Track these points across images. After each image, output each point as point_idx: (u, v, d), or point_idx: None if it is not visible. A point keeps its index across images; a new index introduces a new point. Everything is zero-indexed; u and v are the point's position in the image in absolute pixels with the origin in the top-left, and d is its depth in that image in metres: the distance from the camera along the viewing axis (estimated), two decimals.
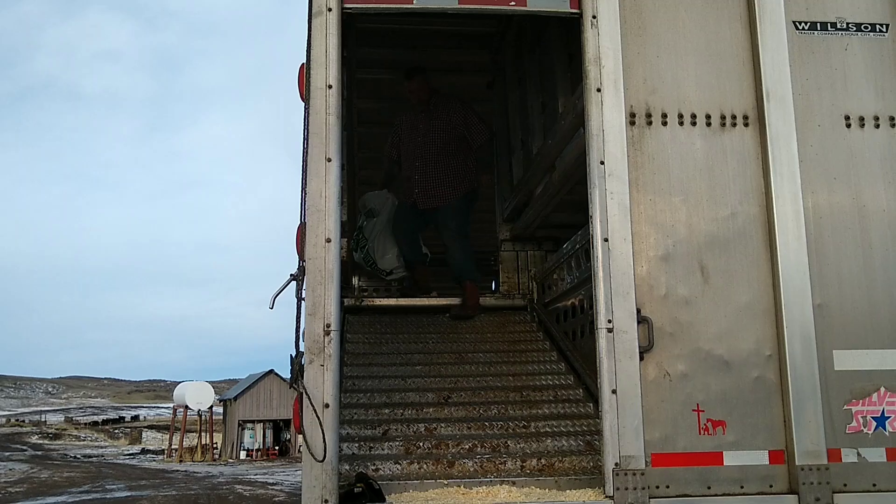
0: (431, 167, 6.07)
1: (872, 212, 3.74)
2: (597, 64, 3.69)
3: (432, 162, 6.07)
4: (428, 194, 6.10)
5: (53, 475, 28.45)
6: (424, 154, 6.11)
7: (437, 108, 6.15)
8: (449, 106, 6.13)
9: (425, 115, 6.16)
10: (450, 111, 6.10)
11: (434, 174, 6.07)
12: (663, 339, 3.53)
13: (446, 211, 6.06)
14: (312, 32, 3.63)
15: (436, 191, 6.07)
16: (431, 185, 6.08)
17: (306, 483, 3.28)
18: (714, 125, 3.74)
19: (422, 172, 6.10)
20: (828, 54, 3.85)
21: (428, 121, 6.14)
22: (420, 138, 6.16)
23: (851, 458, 3.53)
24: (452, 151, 6.08)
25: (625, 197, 3.59)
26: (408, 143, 6.28)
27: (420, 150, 6.14)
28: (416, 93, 6.14)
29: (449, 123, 6.07)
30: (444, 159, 6.06)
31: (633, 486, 3.38)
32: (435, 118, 6.13)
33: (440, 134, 6.09)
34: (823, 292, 3.63)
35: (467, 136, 6.06)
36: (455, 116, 6.07)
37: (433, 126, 6.12)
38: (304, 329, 3.41)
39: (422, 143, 6.13)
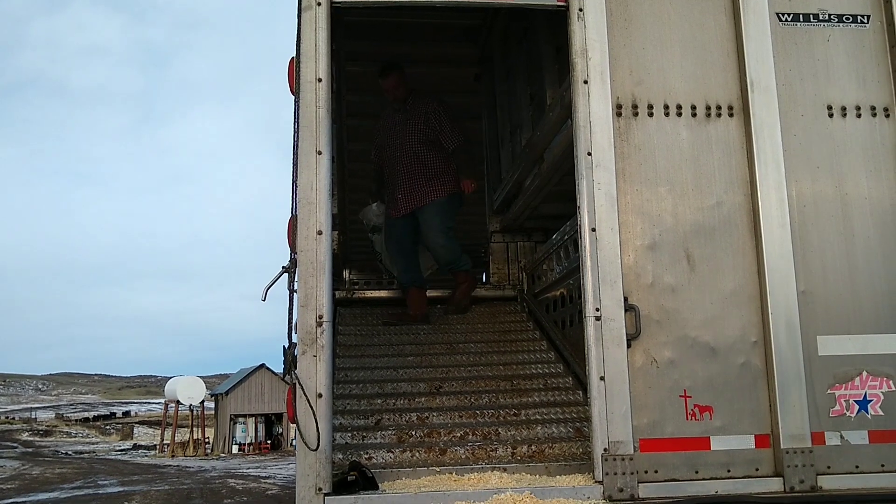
0: (412, 166, 5.86)
1: (854, 199, 3.80)
2: (583, 56, 3.74)
3: (412, 161, 5.86)
4: (409, 194, 5.87)
5: (45, 472, 28.35)
6: (403, 154, 5.90)
7: (415, 107, 5.93)
8: (426, 105, 5.91)
9: (402, 114, 5.97)
10: (427, 110, 5.88)
11: (414, 173, 5.87)
12: (650, 327, 3.59)
13: (430, 210, 5.83)
14: (302, 26, 3.66)
15: (417, 190, 5.85)
16: (412, 184, 5.86)
17: (300, 471, 3.33)
18: (699, 116, 3.80)
19: (402, 173, 5.89)
20: (810, 45, 3.91)
21: (406, 120, 5.94)
22: (398, 140, 5.94)
23: (835, 440, 3.61)
24: (434, 151, 5.88)
25: (612, 187, 3.64)
26: (387, 145, 6.06)
27: (399, 151, 5.92)
28: (393, 91, 5.95)
29: (427, 123, 5.86)
30: (423, 158, 5.86)
31: (622, 471, 3.44)
32: (412, 117, 5.92)
33: (418, 133, 5.88)
34: (807, 279, 3.70)
35: (440, 138, 5.86)
36: (431, 117, 5.86)
37: (410, 125, 5.91)
38: (297, 320, 3.45)
39: (400, 145, 5.92)
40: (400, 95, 5.94)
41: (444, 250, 5.85)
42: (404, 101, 5.94)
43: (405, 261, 6.02)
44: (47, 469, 29.64)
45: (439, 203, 5.84)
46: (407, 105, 5.95)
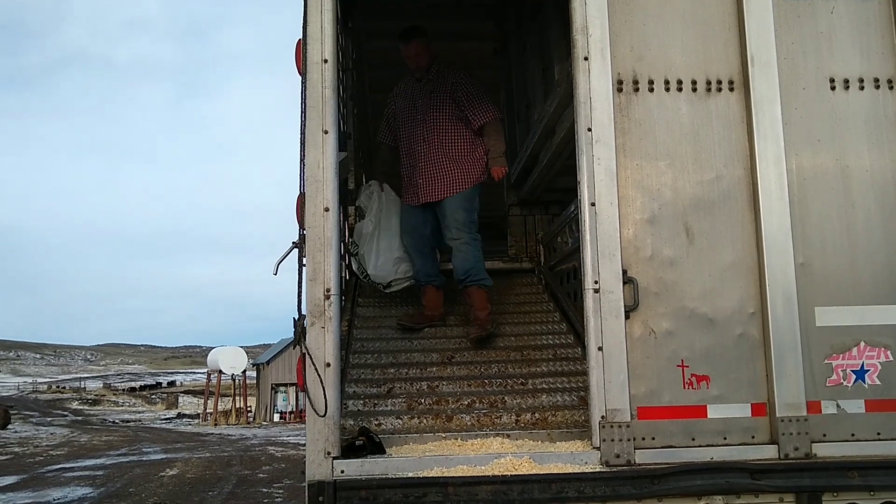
0: (434, 147, 5.21)
1: (855, 173, 3.83)
2: (584, 33, 3.80)
3: (435, 141, 5.21)
4: (430, 181, 5.22)
5: (92, 439, 29.35)
6: (425, 133, 5.22)
7: (439, 79, 5.29)
8: (452, 76, 5.28)
9: (425, 86, 5.30)
10: (454, 82, 5.25)
11: (437, 156, 5.21)
12: (649, 299, 3.68)
13: (452, 203, 5.19)
14: (308, 9, 3.77)
15: (440, 176, 5.21)
16: (434, 169, 5.21)
17: (310, 436, 3.51)
18: (700, 90, 3.84)
19: (422, 155, 5.23)
20: (814, 18, 3.92)
21: (428, 94, 5.27)
22: (419, 115, 5.28)
23: (831, 409, 3.68)
24: (460, 130, 5.24)
25: (611, 162, 3.72)
26: (405, 122, 5.38)
27: (419, 128, 5.26)
28: (414, 58, 5.29)
29: (453, 96, 5.23)
30: (448, 138, 5.22)
31: (619, 438, 3.56)
32: (436, 89, 5.26)
33: (443, 108, 5.24)
34: (806, 251, 3.75)
35: (468, 114, 5.21)
36: (459, 89, 5.22)
37: (434, 99, 5.25)
38: (306, 293, 3.61)
39: (421, 121, 5.25)
40: (422, 64, 5.31)
41: (465, 254, 5.15)
42: (427, 71, 5.32)
43: (422, 258, 5.39)
44: (95, 437, 30.69)
45: (465, 195, 5.22)
46: (430, 75, 5.33)
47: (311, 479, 3.42)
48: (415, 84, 5.40)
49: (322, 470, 3.44)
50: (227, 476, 15.72)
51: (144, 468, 17.69)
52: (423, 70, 5.33)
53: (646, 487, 3.46)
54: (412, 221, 5.38)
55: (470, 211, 5.23)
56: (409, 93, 5.43)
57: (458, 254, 5.17)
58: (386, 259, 5.38)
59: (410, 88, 5.43)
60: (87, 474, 16.59)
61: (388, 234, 5.42)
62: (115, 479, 15.47)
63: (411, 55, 5.31)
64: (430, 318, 5.30)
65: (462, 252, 5.15)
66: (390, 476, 3.46)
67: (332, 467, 3.45)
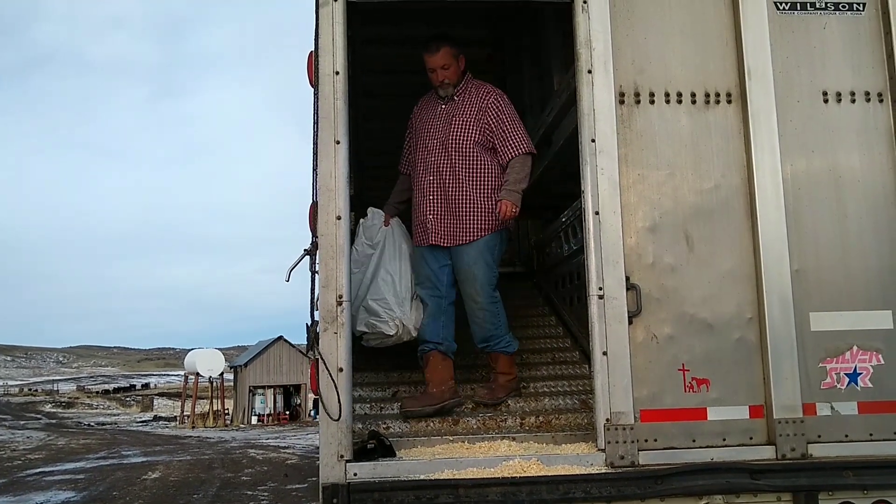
0: (450, 183, 4.44)
1: (848, 182, 3.96)
2: (587, 47, 3.91)
3: (452, 175, 4.43)
4: (443, 222, 4.44)
5: (70, 442, 29.13)
6: (441, 163, 4.45)
7: (467, 97, 4.52)
8: (483, 96, 4.50)
9: (448, 107, 4.52)
10: (484, 105, 4.46)
11: (453, 193, 4.43)
12: (651, 305, 3.79)
13: (469, 252, 4.41)
14: (320, 21, 3.84)
15: (458, 218, 4.43)
16: (451, 208, 4.43)
17: (324, 440, 3.58)
18: (699, 103, 3.96)
19: (438, 189, 4.45)
20: (807, 33, 4.05)
21: (452, 115, 4.48)
22: (436, 141, 4.49)
23: (825, 411, 3.81)
24: (485, 163, 4.47)
25: (614, 172, 3.83)
26: (419, 148, 4.58)
27: (436, 156, 4.47)
28: (441, 71, 4.47)
29: (480, 122, 4.45)
30: (471, 171, 4.45)
31: (623, 440, 3.67)
32: (461, 113, 4.48)
33: (468, 135, 4.44)
34: (801, 258, 3.88)
35: (496, 144, 4.46)
36: (489, 112, 4.44)
37: (458, 123, 4.46)
38: (318, 300, 3.69)
39: (438, 149, 4.47)
40: (450, 78, 4.49)
41: (482, 320, 4.44)
42: (454, 88, 4.53)
43: (434, 317, 4.46)
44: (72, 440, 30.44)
45: (485, 243, 4.44)
46: (457, 94, 4.54)
47: (325, 482, 3.50)
48: (436, 104, 4.59)
49: (336, 473, 3.52)
50: (211, 479, 15.72)
51: (126, 471, 17.63)
52: (451, 87, 4.52)
53: (649, 488, 3.56)
54: (425, 269, 4.52)
55: (491, 265, 4.46)
56: (429, 115, 4.61)
57: (475, 319, 4.47)
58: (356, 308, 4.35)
59: (431, 109, 4.62)
60: (69, 478, 16.51)
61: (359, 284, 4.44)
62: (97, 483, 15.43)
63: (437, 66, 4.48)
64: (437, 397, 4.29)
65: (479, 318, 4.44)
66: (402, 478, 3.53)
67: (346, 470, 3.53)
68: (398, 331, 4.40)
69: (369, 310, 4.40)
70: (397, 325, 4.39)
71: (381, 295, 4.42)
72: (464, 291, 4.46)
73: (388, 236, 4.62)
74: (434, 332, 4.44)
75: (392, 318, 4.39)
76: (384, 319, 4.38)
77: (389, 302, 4.41)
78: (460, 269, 4.45)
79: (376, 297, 4.41)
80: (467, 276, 4.42)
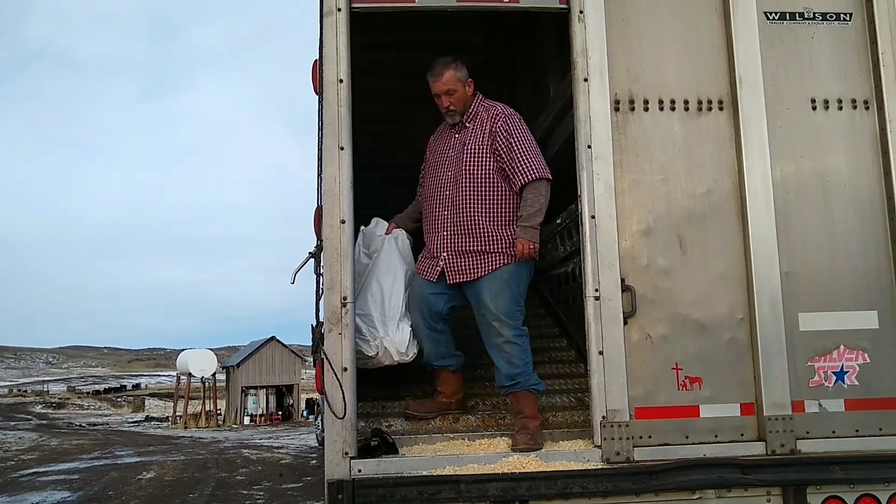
0: (464, 215, 4.19)
1: (835, 186, 4.10)
2: (584, 56, 4.03)
3: (469, 210, 4.18)
4: (461, 262, 4.21)
5: (63, 443, 29.10)
6: (453, 195, 4.21)
7: (477, 124, 4.28)
8: (494, 118, 4.25)
9: (462, 135, 4.30)
10: (494, 128, 4.22)
11: (468, 226, 4.18)
12: (645, 306, 3.91)
13: (491, 284, 4.17)
14: (324, 31, 3.95)
15: (475, 255, 4.19)
16: (461, 242, 4.20)
17: (329, 438, 3.69)
18: (692, 110, 4.09)
19: (446, 222, 4.23)
20: (796, 42, 4.18)
21: (463, 144, 4.26)
22: (449, 172, 4.25)
23: (813, 408, 3.94)
24: (502, 191, 4.23)
25: (610, 177, 3.95)
26: (430, 178, 4.38)
27: (446, 189, 4.24)
28: (446, 98, 4.25)
29: (493, 143, 4.21)
30: (489, 205, 4.20)
31: (619, 437, 3.79)
32: (472, 139, 4.25)
33: (482, 163, 4.21)
34: (790, 260, 4.01)
35: (507, 170, 4.20)
36: (499, 134, 4.20)
37: (470, 151, 4.23)
38: (323, 302, 3.80)
39: (450, 180, 4.23)
40: (456, 104, 4.25)
41: (510, 356, 4.11)
42: (461, 115, 4.29)
43: (433, 340, 4.32)
44: (65, 440, 30.40)
45: (509, 273, 4.18)
46: (468, 120, 4.30)
47: (330, 479, 3.60)
48: (449, 133, 4.38)
49: (341, 469, 3.63)
50: (206, 479, 15.78)
51: (120, 471, 17.66)
52: (457, 114, 4.29)
53: (644, 483, 3.69)
54: (423, 293, 4.29)
55: (517, 297, 4.19)
56: (442, 145, 4.39)
57: (501, 355, 4.13)
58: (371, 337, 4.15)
59: (444, 139, 4.40)
60: (63, 478, 16.54)
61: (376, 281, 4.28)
62: (92, 483, 15.46)
63: (441, 92, 4.24)
64: (446, 405, 4.33)
65: (506, 354, 4.12)
66: (405, 474, 3.65)
67: (350, 467, 3.64)
68: (377, 352, 4.15)
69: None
70: (377, 347, 4.15)
71: (366, 310, 4.18)
72: (486, 325, 4.17)
73: (387, 247, 4.39)
74: (439, 355, 4.34)
75: (374, 337, 4.16)
76: (365, 338, 4.13)
77: (374, 319, 4.19)
78: (479, 302, 4.19)
79: (361, 311, 4.11)
80: (488, 310, 4.13)
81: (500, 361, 4.15)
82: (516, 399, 4.13)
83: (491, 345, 4.19)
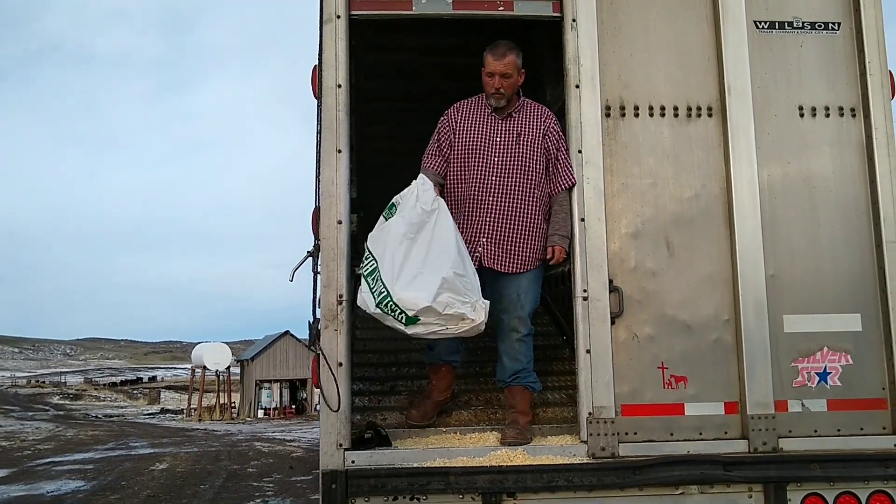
0: (517, 206, 4.21)
1: (821, 192, 4.19)
2: (576, 63, 4.14)
3: (519, 198, 4.22)
4: (504, 248, 4.22)
5: (78, 433, 29.49)
6: (509, 184, 4.21)
7: (527, 117, 4.31)
8: (544, 118, 4.32)
9: (509, 122, 4.30)
10: (547, 127, 4.28)
11: (520, 218, 4.22)
12: (632, 306, 4.03)
13: (524, 282, 4.26)
14: (324, 37, 4.08)
15: (519, 245, 4.23)
16: (513, 234, 4.22)
17: (324, 430, 3.83)
18: (681, 116, 4.19)
19: (500, 213, 4.21)
20: (784, 51, 4.28)
21: (516, 133, 4.26)
22: (503, 158, 4.23)
23: (796, 408, 4.04)
24: (545, 189, 4.27)
25: (600, 182, 4.07)
26: (476, 160, 4.24)
27: (501, 175, 4.22)
28: (500, 79, 4.21)
29: (544, 144, 4.26)
30: (536, 198, 4.24)
31: (605, 433, 3.91)
32: (527, 131, 4.27)
33: (537, 157, 4.24)
34: (776, 264, 4.11)
35: (554, 171, 4.23)
36: (550, 137, 4.26)
37: (526, 142, 4.24)
38: (320, 299, 3.94)
39: (506, 167, 4.21)
40: (507, 89, 4.24)
41: (518, 352, 4.25)
42: (507, 101, 4.28)
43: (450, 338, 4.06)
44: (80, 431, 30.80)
45: (539, 272, 4.35)
46: (514, 110, 4.33)
47: (324, 469, 3.75)
48: (490, 116, 4.31)
49: (335, 460, 3.77)
50: (217, 470, 16.00)
51: (134, 462, 17.93)
52: (504, 99, 4.26)
53: (628, 478, 3.81)
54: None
55: (538, 297, 4.33)
56: (484, 123, 4.30)
57: (510, 350, 4.25)
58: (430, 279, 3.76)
59: (484, 118, 4.31)
60: (78, 468, 16.82)
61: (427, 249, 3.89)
62: (105, 473, 15.72)
63: (498, 72, 4.20)
64: (441, 403, 4.36)
65: (515, 350, 4.24)
66: (397, 466, 3.79)
67: (344, 458, 3.78)
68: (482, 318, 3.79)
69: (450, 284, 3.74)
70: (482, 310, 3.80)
71: (464, 271, 3.84)
72: (505, 320, 4.22)
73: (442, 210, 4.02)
74: (452, 350, 4.32)
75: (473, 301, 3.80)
76: (467, 301, 3.77)
77: (471, 283, 3.85)
78: (508, 296, 4.21)
79: (460, 271, 3.80)
80: (515, 305, 4.20)
81: (507, 356, 4.27)
82: (512, 393, 4.27)
83: (504, 339, 4.27)
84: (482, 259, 4.19)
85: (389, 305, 3.76)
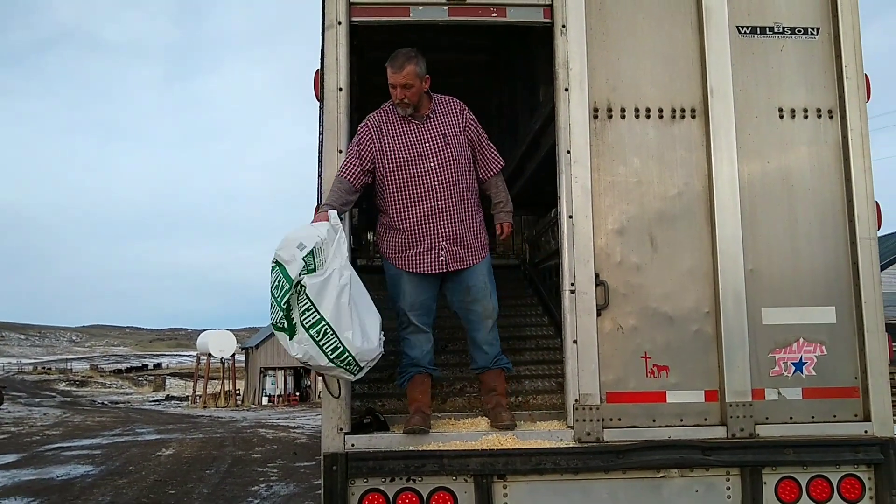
0: (465, 204, 4.37)
1: (799, 191, 4.38)
2: (565, 67, 4.34)
3: (465, 196, 4.37)
4: (463, 245, 4.34)
5: (85, 419, 29.86)
6: (452, 185, 4.31)
7: (443, 116, 4.42)
8: (458, 112, 4.46)
9: (432, 126, 4.36)
10: (465, 121, 4.45)
11: (469, 215, 4.39)
12: (617, 299, 4.24)
13: (482, 268, 4.43)
14: (325, 42, 4.29)
15: (474, 239, 4.39)
16: (467, 230, 4.36)
17: (325, 415, 4.06)
18: (665, 118, 4.38)
19: (452, 214, 4.31)
20: (765, 55, 4.46)
21: (442, 135, 4.34)
22: (436, 161, 4.28)
23: (773, 396, 4.26)
24: (475, 180, 4.49)
25: (587, 180, 4.27)
26: (410, 168, 4.27)
27: (443, 178, 4.29)
28: (401, 90, 4.24)
29: (467, 137, 4.43)
30: (475, 192, 4.48)
31: (590, 419, 4.13)
32: (451, 131, 4.38)
33: (465, 153, 4.40)
34: (755, 259, 4.31)
35: (480, 160, 4.48)
36: (471, 129, 4.45)
37: (453, 142, 4.35)
38: None
39: (443, 169, 4.28)
40: (411, 98, 4.26)
41: (496, 329, 4.48)
42: (413, 108, 4.32)
43: (430, 341, 4.45)
44: (87, 417, 31.18)
45: (489, 258, 4.53)
46: (430, 113, 4.38)
47: (326, 452, 3.99)
48: (407, 122, 4.35)
49: (335, 444, 4.01)
50: (222, 456, 16.28)
51: (141, 448, 18.24)
52: (410, 107, 4.30)
53: (612, 461, 4.04)
54: (423, 296, 4.39)
55: (494, 282, 4.50)
56: (408, 132, 4.33)
57: (488, 336, 4.43)
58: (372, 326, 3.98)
59: (406, 127, 4.34)
60: (86, 453, 17.13)
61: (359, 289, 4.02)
62: (113, 458, 16.02)
63: (398, 84, 4.23)
64: (428, 417, 4.27)
65: (490, 336, 4.44)
66: (394, 449, 4.03)
67: (344, 441, 4.02)
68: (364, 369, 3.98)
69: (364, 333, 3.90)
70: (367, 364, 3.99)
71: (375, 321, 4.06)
72: (476, 310, 4.37)
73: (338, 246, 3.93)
74: (431, 358, 4.43)
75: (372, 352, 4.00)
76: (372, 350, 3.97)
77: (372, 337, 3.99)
78: (476, 286, 4.36)
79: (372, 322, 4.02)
80: (484, 292, 4.37)
81: (485, 343, 4.43)
82: (492, 377, 4.43)
83: (480, 327, 4.41)
84: (447, 263, 4.30)
85: (347, 360, 3.81)
